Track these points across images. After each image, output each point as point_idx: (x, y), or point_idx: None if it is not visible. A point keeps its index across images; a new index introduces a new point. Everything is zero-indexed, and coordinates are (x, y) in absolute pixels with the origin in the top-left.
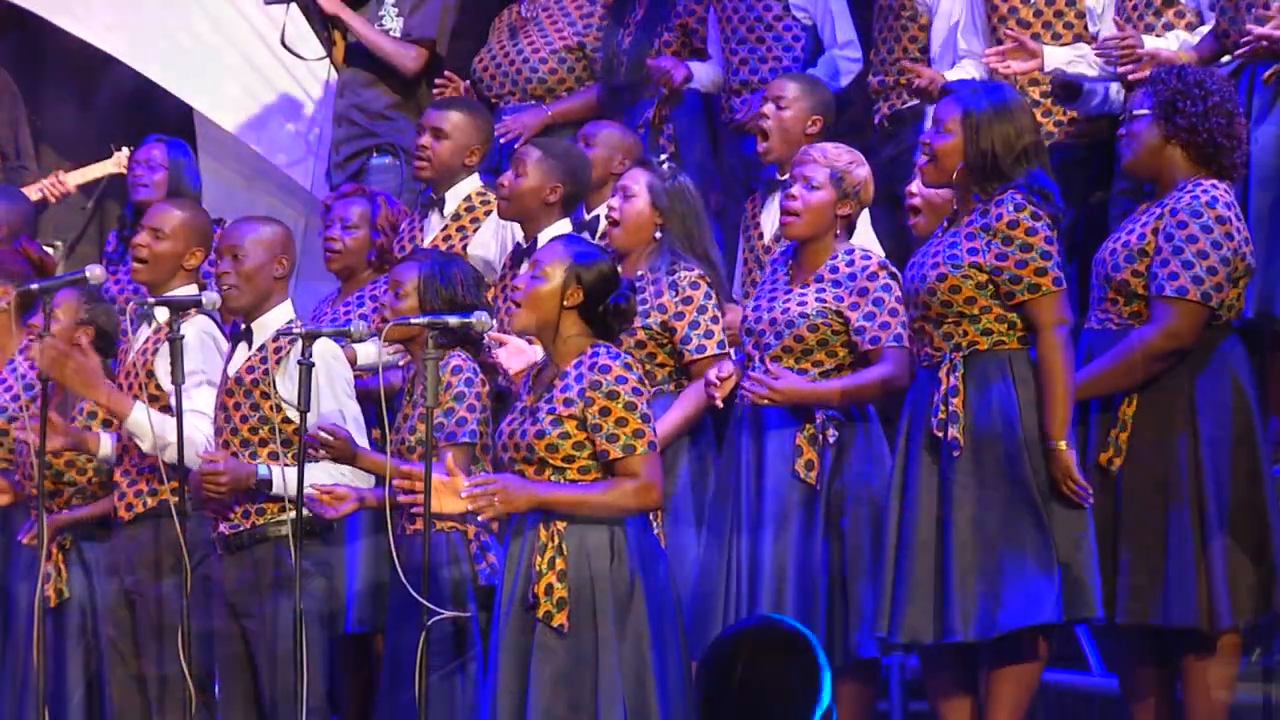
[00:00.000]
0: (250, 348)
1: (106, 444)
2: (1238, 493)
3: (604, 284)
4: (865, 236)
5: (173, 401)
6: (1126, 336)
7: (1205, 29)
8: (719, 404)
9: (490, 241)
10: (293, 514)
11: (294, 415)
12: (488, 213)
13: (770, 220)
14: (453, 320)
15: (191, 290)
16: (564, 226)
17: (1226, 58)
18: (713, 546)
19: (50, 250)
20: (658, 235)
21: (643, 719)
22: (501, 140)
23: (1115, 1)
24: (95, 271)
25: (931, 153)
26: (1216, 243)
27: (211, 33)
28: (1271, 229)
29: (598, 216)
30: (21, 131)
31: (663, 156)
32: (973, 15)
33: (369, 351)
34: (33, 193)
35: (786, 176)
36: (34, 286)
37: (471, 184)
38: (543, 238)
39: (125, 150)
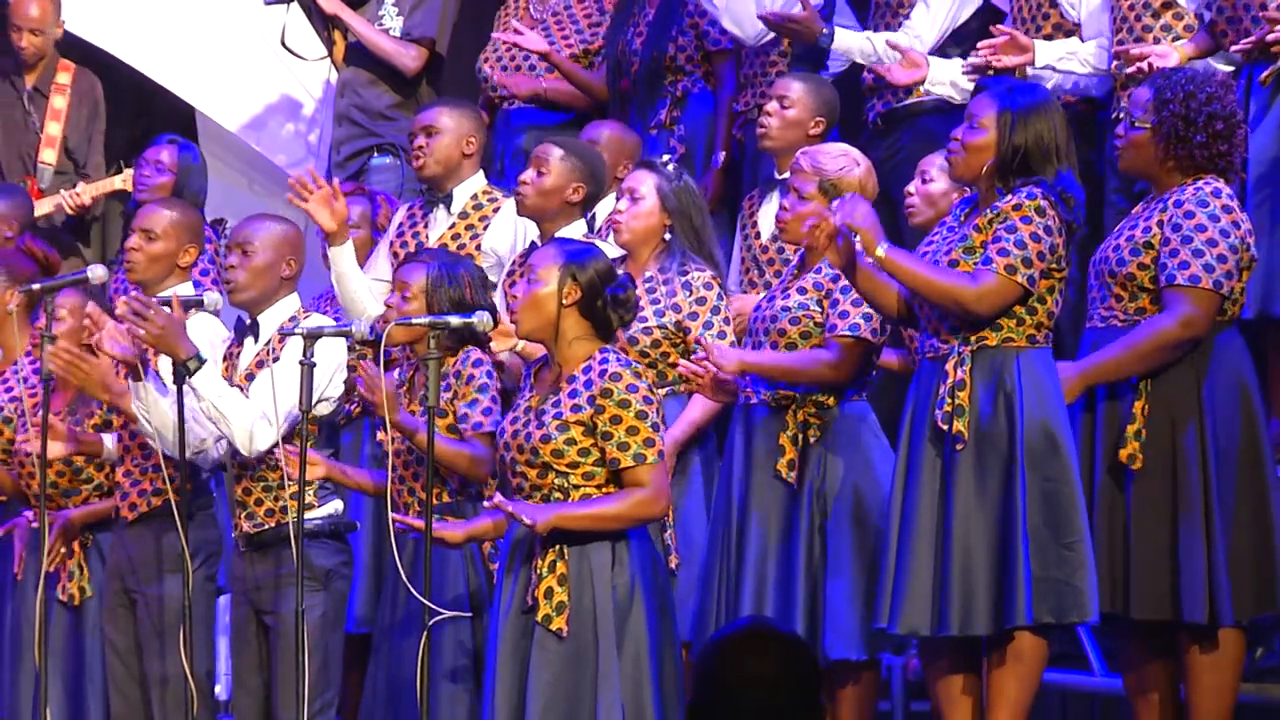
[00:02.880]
0: (257, 342)
1: (110, 445)
2: (1241, 489)
3: (600, 279)
4: None
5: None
6: (1138, 325)
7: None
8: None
9: (506, 236)
10: (310, 512)
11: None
12: (496, 210)
13: (767, 219)
14: (455, 320)
15: (187, 288)
16: (580, 227)
17: (1225, 65)
18: (713, 546)
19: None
20: (667, 236)
21: None
22: (497, 85)
23: (1111, 3)
24: (98, 271)
25: (962, 147)
26: (1224, 230)
27: (212, 33)
28: (1270, 229)
29: (594, 214)
30: (95, 144)
31: (665, 156)
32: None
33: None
34: (49, 204)
35: (785, 176)
36: (35, 287)
37: (478, 182)
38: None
39: (129, 170)
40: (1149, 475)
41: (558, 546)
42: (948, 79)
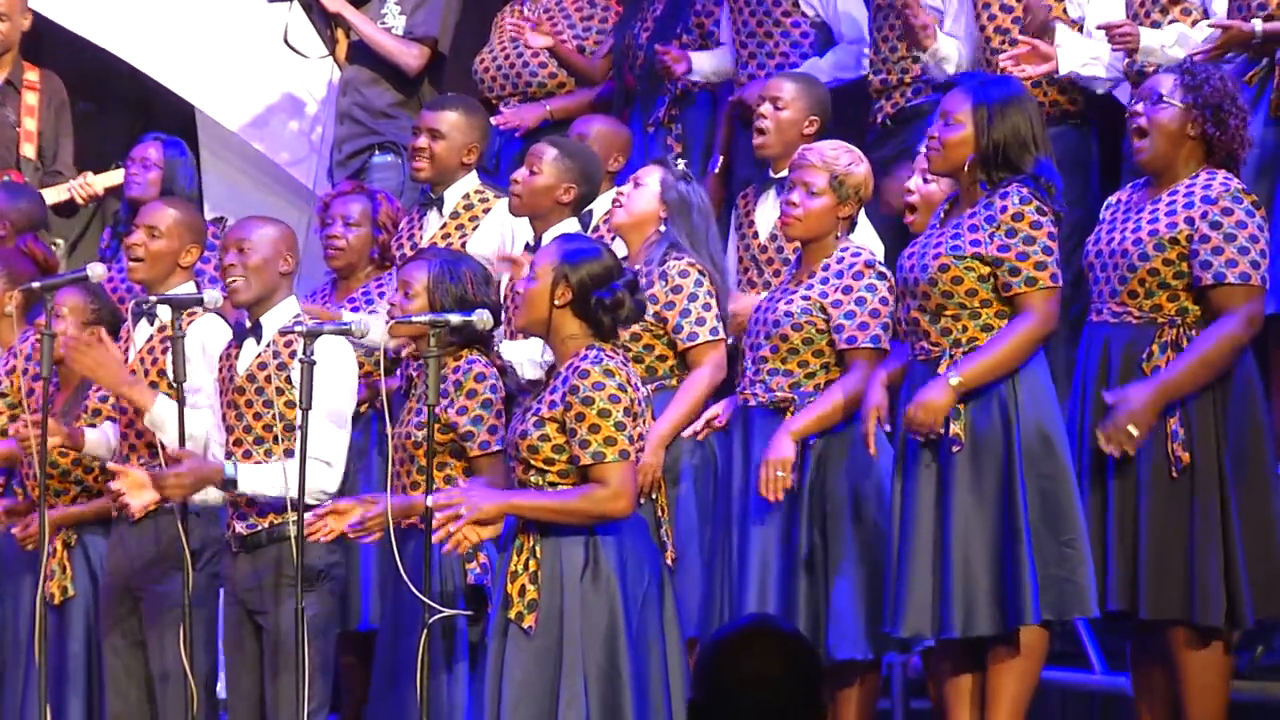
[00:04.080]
0: (259, 344)
1: (93, 440)
2: (1245, 493)
3: (593, 281)
4: (865, 233)
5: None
6: (1203, 334)
7: (1205, 23)
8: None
9: (492, 239)
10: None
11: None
12: (486, 211)
13: (765, 217)
14: (455, 318)
15: (189, 288)
16: (572, 225)
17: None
18: (714, 546)
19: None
20: (661, 229)
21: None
22: (500, 127)
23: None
24: (97, 269)
25: (940, 145)
26: (1260, 226)
27: (214, 31)
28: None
29: (591, 211)
30: (64, 142)
31: (677, 155)
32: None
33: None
34: (61, 193)
35: (782, 175)
36: (35, 285)
37: (470, 182)
38: (547, 236)
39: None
40: (1162, 475)
41: (531, 543)
42: (1074, 68)
